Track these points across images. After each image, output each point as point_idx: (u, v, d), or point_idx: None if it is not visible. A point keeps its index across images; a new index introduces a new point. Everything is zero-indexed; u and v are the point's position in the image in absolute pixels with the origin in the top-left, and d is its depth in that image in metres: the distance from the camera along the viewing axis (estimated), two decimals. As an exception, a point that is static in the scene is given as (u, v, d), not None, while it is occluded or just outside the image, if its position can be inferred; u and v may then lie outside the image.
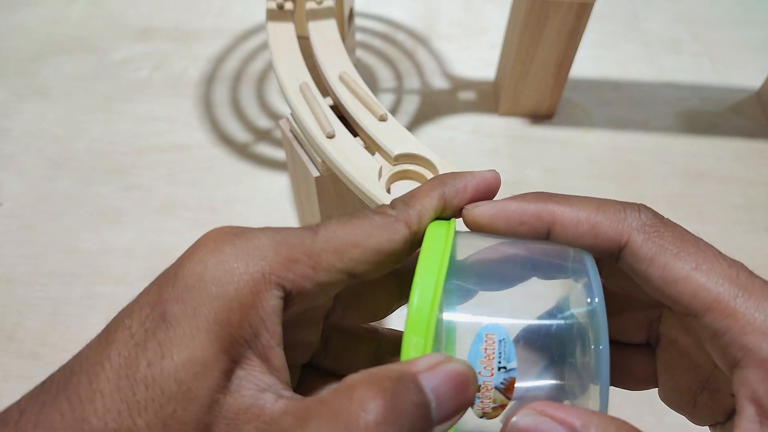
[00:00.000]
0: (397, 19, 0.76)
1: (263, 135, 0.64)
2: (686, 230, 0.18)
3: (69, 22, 0.76)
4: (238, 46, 0.73)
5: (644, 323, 0.21)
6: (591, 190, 0.59)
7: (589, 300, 0.17)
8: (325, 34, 0.45)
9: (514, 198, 0.20)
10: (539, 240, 0.19)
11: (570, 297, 0.18)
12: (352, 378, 0.15)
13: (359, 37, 0.74)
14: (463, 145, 0.63)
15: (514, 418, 0.16)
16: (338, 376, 0.22)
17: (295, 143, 0.41)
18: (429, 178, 0.36)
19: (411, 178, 0.37)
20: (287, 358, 0.19)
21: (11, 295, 0.51)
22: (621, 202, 0.19)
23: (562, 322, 0.18)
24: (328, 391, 0.15)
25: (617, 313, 0.21)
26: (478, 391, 0.17)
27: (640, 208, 0.19)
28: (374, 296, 0.22)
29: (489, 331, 0.17)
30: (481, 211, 0.20)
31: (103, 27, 0.75)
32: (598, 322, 0.17)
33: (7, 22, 0.75)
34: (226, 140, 0.63)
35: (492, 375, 0.17)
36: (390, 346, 0.23)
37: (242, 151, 0.62)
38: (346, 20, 0.58)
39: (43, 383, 0.16)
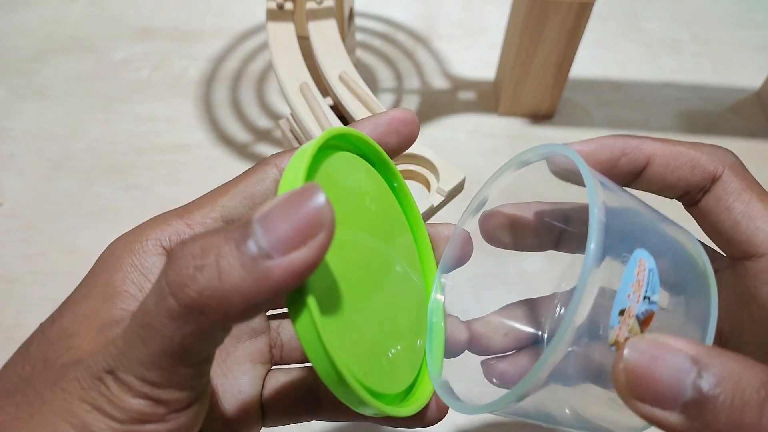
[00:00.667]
0: (397, 19, 0.76)
1: (263, 135, 0.64)
2: None
3: (69, 22, 0.76)
4: (238, 46, 0.73)
5: None
6: (591, 190, 0.59)
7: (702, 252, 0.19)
8: (325, 34, 0.45)
9: (610, 136, 0.21)
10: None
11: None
12: None
13: (359, 37, 0.74)
14: (463, 145, 0.63)
15: (630, 343, 0.14)
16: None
17: (295, 143, 0.41)
18: (429, 177, 0.36)
19: (411, 178, 0.37)
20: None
21: (11, 295, 0.51)
22: (709, 144, 0.21)
23: (694, 257, 0.19)
24: None
25: None
26: (621, 314, 0.16)
27: (728, 150, 0.21)
28: None
29: (642, 257, 0.17)
30: (580, 146, 0.21)
31: (103, 27, 0.75)
32: (707, 268, 0.18)
33: (7, 22, 0.75)
34: (226, 140, 0.63)
35: (638, 302, 0.17)
36: None
37: (242, 151, 0.62)
38: (346, 20, 0.58)
39: None
